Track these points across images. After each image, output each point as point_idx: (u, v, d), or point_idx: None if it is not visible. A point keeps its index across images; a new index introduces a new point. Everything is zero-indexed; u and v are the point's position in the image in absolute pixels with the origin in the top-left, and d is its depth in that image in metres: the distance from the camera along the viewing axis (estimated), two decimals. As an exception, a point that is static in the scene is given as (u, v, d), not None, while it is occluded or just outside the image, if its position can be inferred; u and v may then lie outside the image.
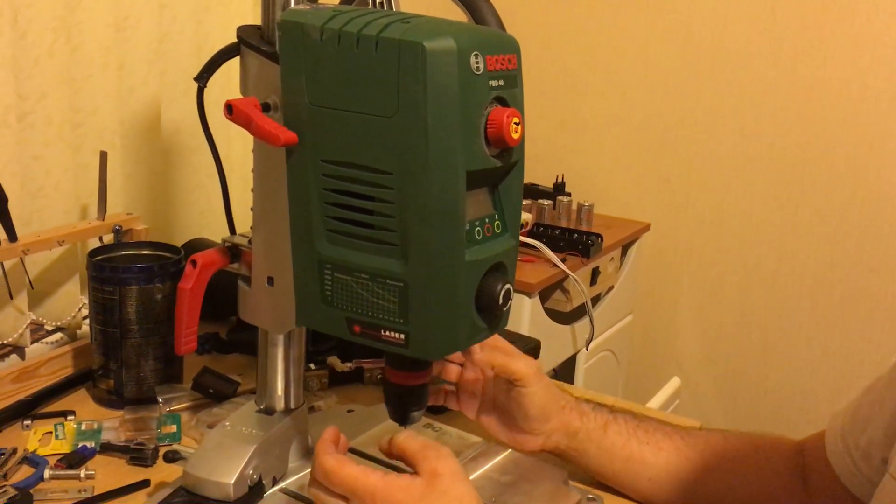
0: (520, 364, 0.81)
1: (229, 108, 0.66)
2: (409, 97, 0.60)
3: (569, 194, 1.85)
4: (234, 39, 0.73)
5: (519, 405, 0.82)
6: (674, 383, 1.51)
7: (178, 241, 1.18)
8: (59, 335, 1.13)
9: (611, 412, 0.85)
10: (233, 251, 0.77)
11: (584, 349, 1.69)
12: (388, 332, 0.65)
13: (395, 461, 0.69)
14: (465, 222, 0.63)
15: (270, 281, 0.73)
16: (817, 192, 1.79)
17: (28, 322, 1.07)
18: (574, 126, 2.04)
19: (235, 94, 0.69)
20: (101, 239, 1.10)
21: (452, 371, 0.86)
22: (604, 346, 1.80)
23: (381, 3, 0.80)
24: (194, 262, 0.75)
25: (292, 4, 0.70)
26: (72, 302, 1.13)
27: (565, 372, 1.70)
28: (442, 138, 0.60)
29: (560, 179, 1.88)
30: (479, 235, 0.65)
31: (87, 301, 1.13)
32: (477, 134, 0.62)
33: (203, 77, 0.75)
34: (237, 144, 1.31)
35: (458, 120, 0.60)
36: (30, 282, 1.05)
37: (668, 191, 1.96)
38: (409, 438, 0.68)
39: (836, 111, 1.74)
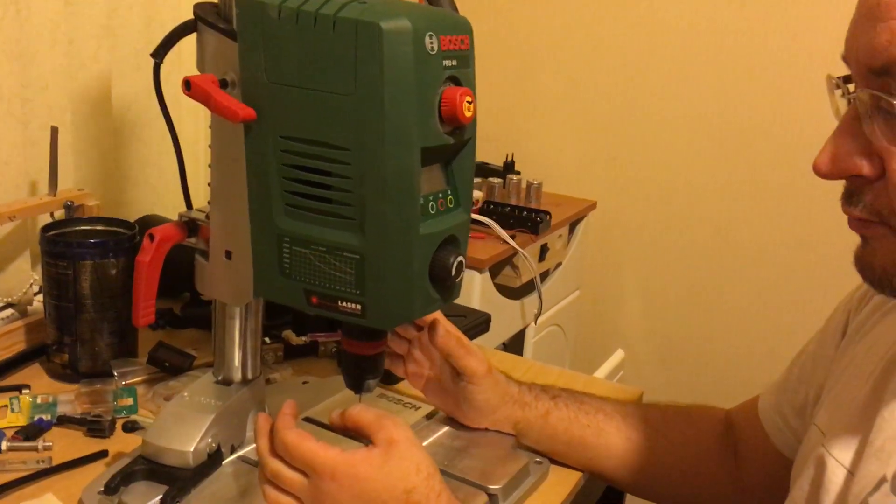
0: (472, 362, 0.84)
1: (187, 85, 0.68)
2: (366, 76, 0.62)
3: (518, 173, 1.88)
4: (184, 15, 0.74)
5: (465, 397, 0.86)
6: (618, 355, 1.56)
7: (131, 218, 1.17)
8: (9, 311, 1.12)
9: (552, 398, 0.87)
10: (190, 225, 0.78)
11: (533, 323, 1.73)
12: (344, 303, 0.68)
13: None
14: (420, 197, 0.65)
15: (228, 254, 0.75)
16: (755, 172, 1.86)
17: (-22, 298, 1.06)
18: (523, 107, 2.08)
19: (187, 70, 0.70)
20: (52, 215, 1.10)
21: (401, 345, 0.88)
22: (552, 320, 1.85)
23: (336, -17, 0.81)
24: (152, 236, 0.76)
25: (249, -18, 0.71)
26: (22, 278, 1.12)
27: (514, 346, 1.74)
28: (398, 116, 0.62)
29: (510, 158, 1.91)
30: (432, 210, 0.67)
31: (37, 277, 1.13)
32: (431, 112, 0.64)
33: (160, 53, 0.75)
34: (188, 121, 1.32)
35: (414, 98, 0.63)
36: (-20, 257, 1.05)
37: (615, 170, 2.01)
38: (363, 410, 0.70)
39: (775, 94, 1.80)
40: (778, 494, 0.77)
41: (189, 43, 0.77)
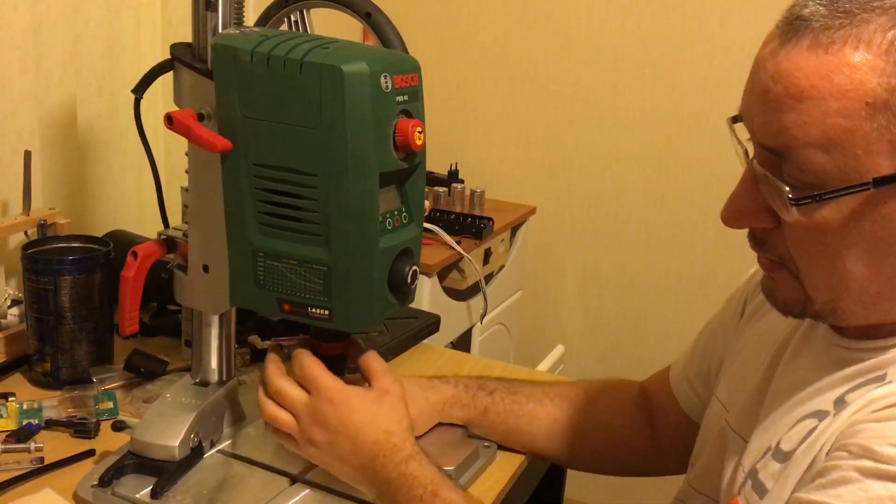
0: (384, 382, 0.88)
1: (169, 119, 0.76)
2: (330, 112, 0.71)
3: (462, 181, 1.99)
4: (143, 43, 0.82)
5: None
6: (558, 351, 1.68)
7: (97, 233, 1.24)
8: (-16, 325, 1.18)
9: (489, 394, 0.97)
10: (169, 243, 0.87)
11: (479, 323, 1.84)
12: (314, 309, 0.77)
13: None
14: (379, 215, 0.75)
15: (206, 268, 0.83)
16: (679, 180, 2.01)
17: (-45, 313, 1.12)
18: (466, 118, 2.19)
19: (150, 102, 0.77)
20: (26, 233, 1.16)
21: None
22: (497, 319, 1.96)
23: (296, 23, 0.90)
24: (135, 254, 0.84)
25: (220, 28, 0.80)
26: (-4, 293, 1.18)
27: (462, 344, 1.84)
28: (358, 146, 0.72)
29: (454, 167, 2.02)
30: (389, 226, 0.77)
31: (11, 292, 1.19)
32: (387, 141, 0.74)
33: (139, 89, 0.84)
34: (155, 147, 1.39)
35: (371, 130, 0.72)
36: (-41, 275, 1.11)
37: (552, 178, 2.14)
38: (377, 359, 0.83)
39: (694, 110, 1.96)
40: (687, 453, 0.88)
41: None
